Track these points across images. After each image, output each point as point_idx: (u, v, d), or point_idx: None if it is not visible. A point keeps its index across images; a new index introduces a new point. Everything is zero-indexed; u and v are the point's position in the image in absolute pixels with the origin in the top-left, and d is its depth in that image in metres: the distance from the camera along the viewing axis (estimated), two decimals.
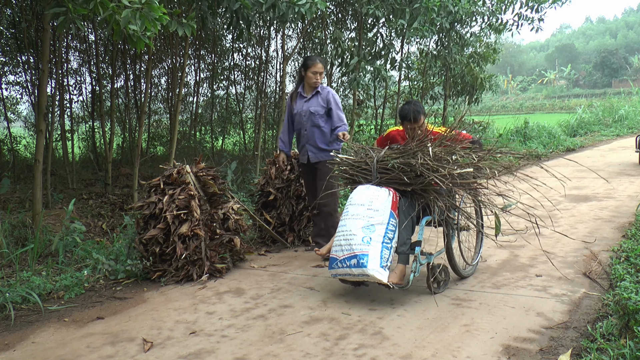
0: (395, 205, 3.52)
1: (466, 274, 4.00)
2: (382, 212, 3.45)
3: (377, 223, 3.43)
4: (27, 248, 4.50)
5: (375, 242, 3.37)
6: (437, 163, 3.50)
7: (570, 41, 79.40)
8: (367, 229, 3.41)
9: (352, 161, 3.86)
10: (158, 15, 3.57)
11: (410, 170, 3.52)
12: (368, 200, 3.51)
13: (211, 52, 10.63)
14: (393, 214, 3.49)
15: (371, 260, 3.32)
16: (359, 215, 3.47)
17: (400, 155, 3.62)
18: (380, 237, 3.39)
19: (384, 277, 3.33)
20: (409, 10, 7.62)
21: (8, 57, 9.07)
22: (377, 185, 3.61)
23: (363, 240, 3.38)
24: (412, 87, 11.80)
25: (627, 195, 7.01)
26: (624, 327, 2.90)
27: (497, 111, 39.47)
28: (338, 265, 3.43)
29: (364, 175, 3.74)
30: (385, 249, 3.39)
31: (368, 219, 3.44)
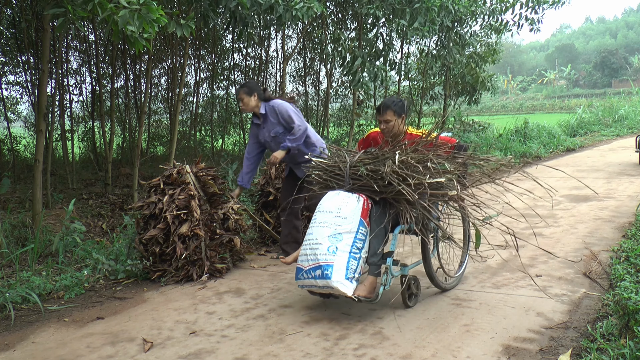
0: (365, 212, 3.29)
1: (447, 287, 3.75)
2: (350, 219, 3.24)
3: (345, 232, 3.22)
4: (27, 248, 4.50)
5: (341, 252, 3.16)
6: (406, 171, 3.24)
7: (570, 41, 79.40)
8: (333, 237, 3.20)
9: (326, 165, 3.62)
10: (156, 17, 3.57)
11: (380, 178, 3.30)
12: (337, 207, 3.29)
13: (211, 52, 10.63)
14: (363, 222, 3.27)
15: (336, 271, 3.11)
16: (326, 223, 3.26)
17: (372, 161, 3.40)
18: (347, 247, 3.18)
19: (349, 289, 3.12)
20: (410, 10, 7.62)
21: (8, 57, 9.07)
22: (349, 192, 3.38)
23: (329, 249, 3.17)
24: (412, 87, 11.80)
25: (627, 195, 7.01)
26: (624, 327, 2.90)
27: (497, 111, 39.47)
28: (304, 276, 3.22)
29: (338, 180, 3.51)
30: (353, 260, 3.18)
31: (336, 227, 3.23)
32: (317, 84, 11.73)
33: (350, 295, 3.12)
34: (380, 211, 3.36)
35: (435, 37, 10.31)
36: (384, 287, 3.25)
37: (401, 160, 3.30)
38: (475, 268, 4.26)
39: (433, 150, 3.43)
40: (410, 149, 3.42)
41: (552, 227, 5.49)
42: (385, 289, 3.26)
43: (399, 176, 3.25)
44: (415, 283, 3.51)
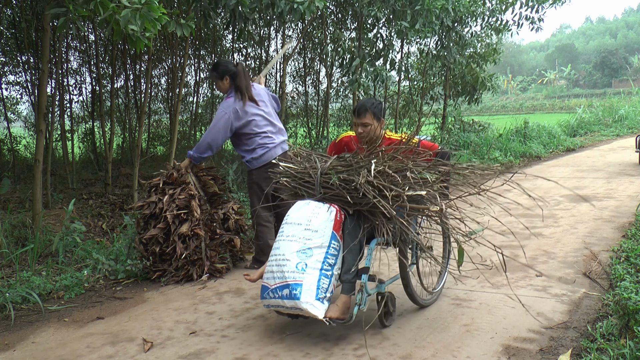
0: (338, 225, 2.99)
1: (426, 304, 3.47)
2: (321, 233, 2.94)
3: (316, 246, 2.91)
4: (27, 248, 4.50)
5: (311, 270, 2.85)
6: (383, 182, 2.94)
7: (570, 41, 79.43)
8: (303, 253, 2.90)
9: (294, 171, 3.29)
10: (157, 15, 3.57)
11: (354, 189, 2.99)
12: (306, 219, 2.98)
13: (211, 52, 10.63)
14: (335, 236, 2.97)
15: (305, 291, 2.81)
16: (294, 237, 2.96)
17: (345, 169, 3.08)
18: (318, 264, 2.88)
19: (320, 311, 2.82)
20: (410, 11, 7.62)
21: (8, 57, 9.07)
22: (320, 202, 3.07)
23: (297, 266, 2.86)
24: (412, 87, 11.80)
25: (627, 195, 7.01)
26: (624, 327, 2.90)
27: (497, 111, 39.46)
28: (270, 295, 2.92)
29: (307, 188, 3.19)
30: (324, 278, 2.88)
31: (305, 241, 2.93)
32: (317, 84, 11.72)
33: (321, 318, 2.82)
34: (354, 223, 3.05)
35: (435, 37, 10.31)
36: (359, 306, 2.94)
37: (378, 170, 2.98)
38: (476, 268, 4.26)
39: (413, 158, 3.13)
40: (387, 157, 3.10)
41: (552, 227, 5.49)
42: (361, 309, 2.95)
43: (374, 188, 2.94)
44: (392, 301, 3.23)
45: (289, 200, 3.34)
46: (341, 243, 3.01)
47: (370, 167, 2.98)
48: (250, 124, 4.25)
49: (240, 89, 4.24)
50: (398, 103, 11.00)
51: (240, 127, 4.23)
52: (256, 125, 4.28)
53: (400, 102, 11.26)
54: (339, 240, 3.00)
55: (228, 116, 4.16)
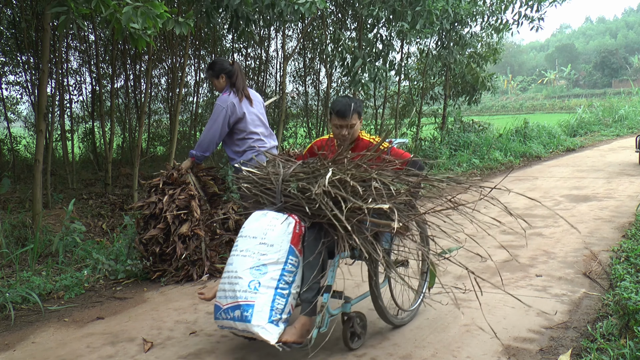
0: (297, 238, 2.70)
1: (399, 322, 3.17)
2: (277, 247, 2.66)
3: (271, 262, 2.63)
4: (27, 248, 4.51)
5: (265, 289, 2.58)
6: (342, 193, 2.62)
7: (570, 41, 79.43)
8: (256, 270, 2.62)
9: (257, 177, 3.02)
10: (159, 12, 3.57)
11: (312, 199, 2.70)
12: (262, 232, 2.71)
13: (211, 52, 10.63)
14: (293, 250, 2.68)
15: (257, 313, 2.53)
16: (248, 252, 2.68)
17: (307, 176, 2.80)
18: (273, 282, 2.60)
19: (273, 336, 2.53)
20: (411, 12, 7.62)
21: (8, 57, 9.08)
22: (280, 212, 2.79)
23: (250, 285, 2.58)
24: (412, 87, 11.81)
25: (627, 195, 7.01)
26: (624, 327, 2.90)
27: (497, 111, 39.47)
28: (222, 316, 2.65)
29: (269, 197, 2.91)
30: (280, 297, 2.60)
31: (259, 256, 2.65)
32: (317, 84, 11.73)
33: (273, 344, 2.53)
34: (314, 236, 2.75)
35: (435, 38, 10.32)
36: (319, 329, 2.63)
37: (339, 179, 2.67)
38: (475, 268, 4.26)
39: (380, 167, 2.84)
40: (351, 164, 2.77)
41: (552, 227, 5.49)
42: (321, 332, 2.65)
43: (332, 198, 2.64)
44: (361, 322, 2.92)
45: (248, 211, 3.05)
46: (300, 258, 2.72)
47: (327, 175, 2.66)
48: (245, 120, 4.23)
49: (236, 86, 4.25)
50: (398, 103, 10.99)
51: (235, 121, 4.21)
52: (250, 123, 4.25)
53: (400, 102, 11.25)
54: (298, 256, 2.70)
55: (226, 110, 4.16)
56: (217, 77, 4.28)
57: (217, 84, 4.32)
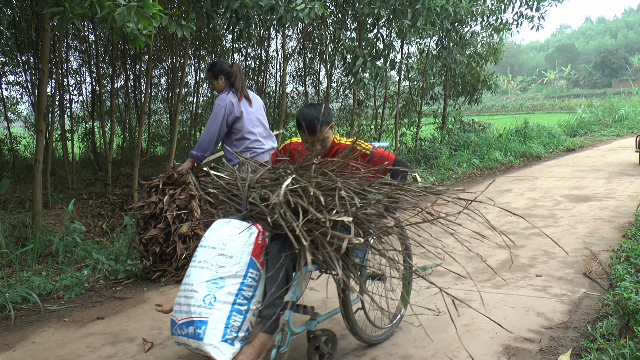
0: (259, 249, 2.49)
1: (376, 340, 2.95)
2: (237, 259, 2.45)
3: (229, 275, 2.42)
4: (27, 248, 4.51)
5: (221, 304, 2.37)
6: (303, 203, 2.39)
7: (570, 41, 79.45)
8: (213, 283, 2.42)
9: (224, 182, 2.80)
10: (152, 12, 3.57)
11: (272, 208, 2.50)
12: (222, 242, 2.51)
13: (211, 52, 10.64)
14: (254, 263, 2.47)
15: (210, 330, 2.33)
16: (206, 263, 2.48)
17: (273, 183, 2.60)
18: (230, 297, 2.39)
19: (226, 356, 2.32)
20: (411, 10, 7.63)
21: (8, 57, 9.08)
22: (244, 220, 2.57)
23: (205, 300, 2.38)
24: (412, 87, 11.81)
25: (627, 195, 7.01)
26: (624, 327, 2.90)
27: (497, 111, 39.48)
28: (177, 331, 2.45)
29: (235, 203, 2.70)
30: (237, 314, 2.40)
31: (217, 269, 2.45)
32: (317, 84, 11.73)
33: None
34: (280, 247, 2.53)
35: (435, 37, 10.32)
36: (279, 349, 2.42)
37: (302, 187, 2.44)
38: (475, 268, 4.26)
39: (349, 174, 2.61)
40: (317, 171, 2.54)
41: (552, 227, 5.49)
42: (281, 352, 2.43)
43: (292, 208, 2.42)
44: (329, 341, 2.70)
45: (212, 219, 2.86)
46: (262, 271, 2.51)
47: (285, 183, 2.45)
48: (242, 120, 4.22)
49: (235, 86, 4.27)
50: (398, 103, 11.00)
51: (233, 121, 4.21)
52: (249, 123, 4.25)
53: (401, 102, 11.26)
54: (260, 269, 2.49)
55: (224, 109, 4.15)
56: (217, 78, 4.29)
57: (217, 85, 4.33)
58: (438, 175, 9.29)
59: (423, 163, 10.27)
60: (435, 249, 2.62)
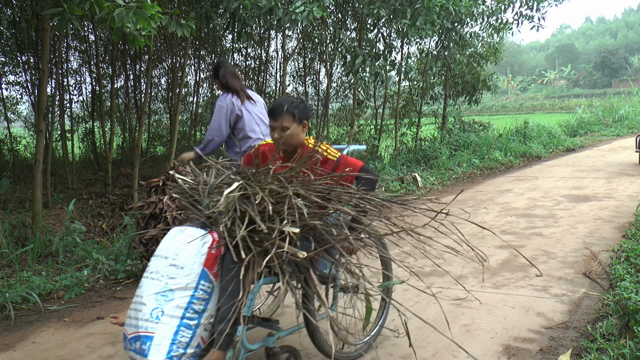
0: (212, 260, 2.31)
1: (348, 358, 2.77)
2: (188, 270, 2.28)
3: (179, 288, 2.26)
4: (27, 248, 4.50)
5: (168, 318, 2.22)
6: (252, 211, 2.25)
7: (570, 41, 79.45)
8: (162, 296, 2.27)
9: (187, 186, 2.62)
10: (151, 13, 3.57)
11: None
12: (174, 251, 2.34)
13: (211, 52, 10.64)
14: (207, 274, 2.30)
15: (155, 347, 2.18)
16: (157, 274, 2.33)
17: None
18: (179, 311, 2.24)
19: None
20: (410, 10, 7.64)
21: (8, 57, 9.08)
22: (203, 228, 2.38)
23: (152, 314, 2.24)
24: (412, 87, 11.81)
25: (627, 195, 7.01)
26: (624, 327, 2.90)
27: (497, 111, 39.49)
28: (128, 346, 2.29)
29: (197, 209, 2.54)
30: (186, 329, 2.24)
31: (167, 280, 2.29)
32: (317, 84, 11.73)
33: None
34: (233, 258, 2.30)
35: (435, 37, 10.32)
36: None
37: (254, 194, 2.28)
38: (476, 268, 4.26)
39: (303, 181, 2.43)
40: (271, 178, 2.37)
41: (552, 227, 5.49)
42: None
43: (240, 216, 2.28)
44: (293, 357, 2.51)
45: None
46: (216, 283, 2.32)
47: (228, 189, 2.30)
48: (244, 119, 4.25)
49: (230, 88, 4.29)
50: (398, 103, 11.00)
51: (236, 120, 4.23)
52: (250, 122, 4.26)
53: (401, 102, 11.26)
54: (213, 280, 2.31)
55: (226, 108, 4.20)
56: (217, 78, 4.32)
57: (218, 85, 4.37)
58: (438, 175, 9.29)
59: (423, 163, 10.27)
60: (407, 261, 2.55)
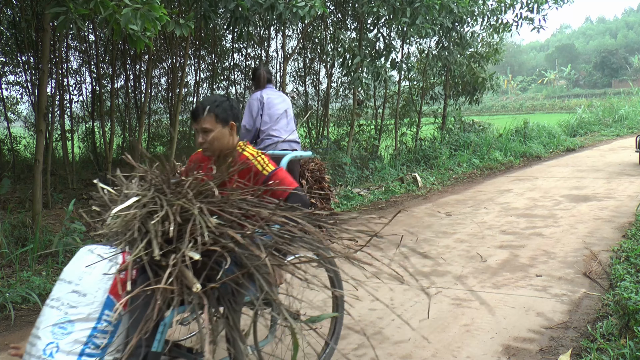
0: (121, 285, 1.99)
1: None
2: (91, 298, 1.98)
3: (79, 319, 1.95)
4: (27, 248, 4.50)
5: (63, 356, 1.90)
6: (156, 228, 1.92)
7: (570, 41, 79.46)
8: (60, 328, 1.95)
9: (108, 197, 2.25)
10: (159, 15, 3.57)
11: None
12: (78, 275, 2.01)
13: (211, 52, 10.64)
14: (112, 302, 1.99)
15: None
16: (58, 302, 2.00)
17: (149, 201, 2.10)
18: (77, 346, 1.92)
19: None
20: (410, 9, 7.64)
21: (8, 57, 9.08)
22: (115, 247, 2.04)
23: (45, 350, 1.91)
24: (412, 87, 11.81)
25: (627, 195, 7.01)
26: (624, 327, 2.90)
27: (497, 111, 39.48)
28: None
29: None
30: None
31: (67, 309, 1.96)
32: (317, 84, 11.73)
33: None
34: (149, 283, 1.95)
35: (435, 38, 10.32)
36: None
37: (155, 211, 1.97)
38: (476, 268, 4.26)
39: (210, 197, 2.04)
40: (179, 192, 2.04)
41: (552, 227, 5.49)
42: None
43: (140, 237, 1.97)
44: None
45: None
46: (123, 313, 1.99)
47: (126, 204, 2.02)
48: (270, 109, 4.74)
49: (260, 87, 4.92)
50: (398, 103, 11.00)
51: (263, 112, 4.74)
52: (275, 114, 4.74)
53: (401, 102, 11.26)
54: (121, 310, 1.99)
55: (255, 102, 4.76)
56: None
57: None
58: (438, 175, 9.29)
59: (423, 163, 10.27)
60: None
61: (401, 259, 1.85)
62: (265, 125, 4.70)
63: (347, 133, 10.19)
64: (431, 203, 7.20)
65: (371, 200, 7.46)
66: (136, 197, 2.05)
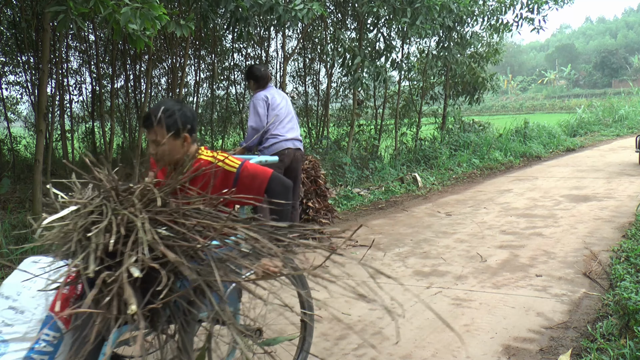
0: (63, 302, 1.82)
1: None
2: (29, 315, 1.80)
3: (15, 338, 1.77)
4: (27, 247, 4.50)
5: None
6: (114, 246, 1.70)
7: (570, 41, 79.48)
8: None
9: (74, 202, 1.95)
10: (158, 14, 3.57)
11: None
12: (16, 290, 1.85)
13: (211, 52, 10.64)
14: (52, 321, 1.81)
15: None
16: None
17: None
18: None
19: None
20: (410, 9, 7.64)
21: (8, 57, 9.08)
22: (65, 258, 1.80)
23: None
24: (412, 87, 11.81)
25: (627, 195, 7.01)
26: (624, 327, 2.90)
27: (497, 111, 39.48)
28: None
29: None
30: None
31: (2, 328, 1.80)
32: (317, 84, 11.73)
33: None
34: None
35: (435, 37, 10.32)
36: None
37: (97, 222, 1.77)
38: (476, 268, 4.26)
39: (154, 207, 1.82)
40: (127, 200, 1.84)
41: (552, 227, 5.49)
42: None
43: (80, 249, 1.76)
44: None
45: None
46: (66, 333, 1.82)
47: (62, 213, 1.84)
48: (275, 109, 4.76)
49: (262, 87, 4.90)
50: (398, 103, 11.00)
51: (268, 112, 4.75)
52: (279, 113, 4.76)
53: (401, 102, 11.25)
54: (62, 328, 1.81)
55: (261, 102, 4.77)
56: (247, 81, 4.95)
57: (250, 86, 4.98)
58: (438, 175, 9.29)
59: (423, 163, 10.27)
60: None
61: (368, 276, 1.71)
62: (270, 125, 4.75)
63: (347, 133, 10.18)
64: (431, 203, 7.21)
65: (371, 200, 7.46)
66: (76, 205, 1.85)
